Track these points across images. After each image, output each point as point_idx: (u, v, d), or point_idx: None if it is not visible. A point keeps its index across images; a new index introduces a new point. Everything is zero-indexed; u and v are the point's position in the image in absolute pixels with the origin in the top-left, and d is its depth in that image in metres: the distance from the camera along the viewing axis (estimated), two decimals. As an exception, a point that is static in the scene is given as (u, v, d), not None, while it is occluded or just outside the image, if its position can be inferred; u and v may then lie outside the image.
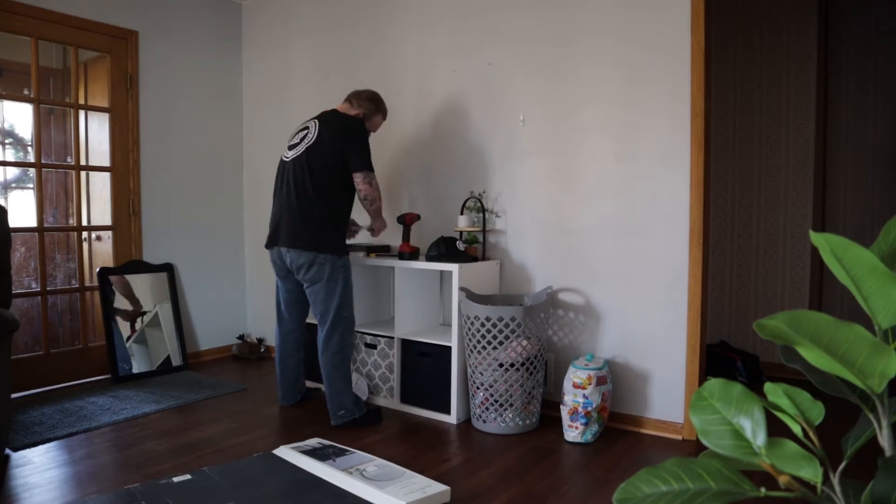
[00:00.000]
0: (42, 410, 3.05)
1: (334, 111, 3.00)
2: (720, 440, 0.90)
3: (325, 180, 2.82)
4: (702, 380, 2.71)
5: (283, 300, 3.07)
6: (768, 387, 0.98)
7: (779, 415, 0.96)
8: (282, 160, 2.98)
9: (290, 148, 2.95)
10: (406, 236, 3.17)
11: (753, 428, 0.88)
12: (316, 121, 2.94)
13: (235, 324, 4.44)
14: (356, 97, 3.04)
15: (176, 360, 3.88)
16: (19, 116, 4.17)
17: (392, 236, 3.58)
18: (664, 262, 2.77)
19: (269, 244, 2.95)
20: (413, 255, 3.14)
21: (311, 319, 3.23)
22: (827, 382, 1.01)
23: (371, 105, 3.04)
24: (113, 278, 3.73)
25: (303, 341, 3.15)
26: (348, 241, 3.15)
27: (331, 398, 2.89)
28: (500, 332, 2.71)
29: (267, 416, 3.04)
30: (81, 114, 3.79)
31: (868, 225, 3.72)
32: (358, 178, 2.85)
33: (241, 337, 4.36)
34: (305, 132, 2.93)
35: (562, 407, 2.72)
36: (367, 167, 2.86)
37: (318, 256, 2.80)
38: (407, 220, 3.18)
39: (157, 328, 3.88)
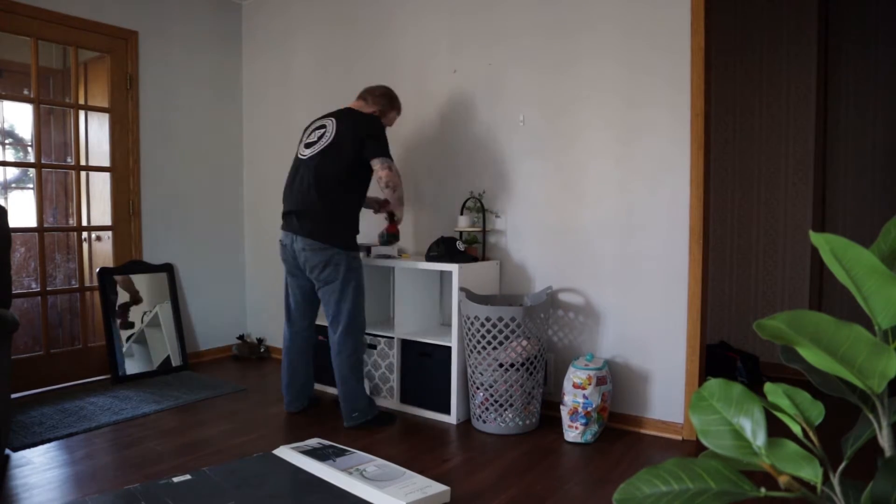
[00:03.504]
0: (42, 410, 3.05)
1: (349, 109, 2.98)
2: (720, 440, 0.90)
3: (342, 180, 2.81)
4: (702, 380, 2.71)
5: (294, 299, 3.01)
6: (768, 387, 0.98)
7: (779, 415, 0.96)
8: (297, 157, 2.95)
9: (308, 146, 2.91)
10: (391, 219, 3.11)
11: (753, 428, 0.88)
12: (332, 118, 2.91)
13: (235, 324, 4.44)
14: (370, 94, 3.03)
15: (176, 360, 3.88)
16: (19, 116, 4.17)
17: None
18: (664, 261, 2.77)
19: (283, 228, 2.91)
20: (395, 236, 3.10)
21: (321, 321, 3.19)
22: (827, 382, 1.01)
23: (385, 101, 3.03)
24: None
25: (313, 342, 3.10)
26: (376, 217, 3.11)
27: (344, 400, 2.86)
28: (500, 332, 2.71)
29: (267, 416, 3.04)
30: (81, 114, 3.79)
31: (868, 225, 3.71)
32: (377, 165, 2.81)
33: (241, 337, 4.36)
34: (322, 130, 2.89)
35: (562, 407, 2.72)
36: (386, 154, 2.83)
37: (333, 256, 2.77)
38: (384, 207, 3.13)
39: (157, 328, 3.87)
